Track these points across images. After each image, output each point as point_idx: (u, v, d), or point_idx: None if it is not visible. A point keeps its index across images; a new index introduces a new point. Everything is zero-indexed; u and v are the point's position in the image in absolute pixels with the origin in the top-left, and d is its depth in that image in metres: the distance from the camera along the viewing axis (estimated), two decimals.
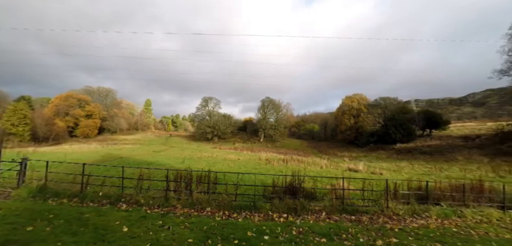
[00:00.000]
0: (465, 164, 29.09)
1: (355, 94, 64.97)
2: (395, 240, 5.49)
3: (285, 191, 8.09)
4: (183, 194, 8.02)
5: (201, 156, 29.63)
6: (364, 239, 5.53)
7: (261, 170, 18.92)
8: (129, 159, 23.42)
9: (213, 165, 21.24)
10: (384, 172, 20.69)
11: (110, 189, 8.63)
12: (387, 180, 8.20)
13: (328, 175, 16.10)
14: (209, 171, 8.69)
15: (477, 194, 8.64)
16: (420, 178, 13.89)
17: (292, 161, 25.49)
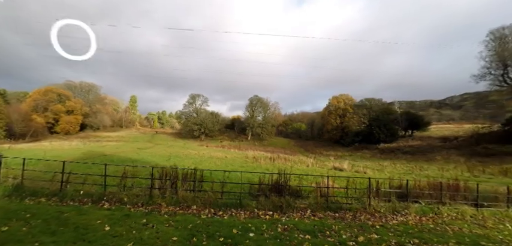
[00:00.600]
0: (443, 164, 30.45)
1: (341, 95, 66.31)
2: (376, 236, 5.69)
3: (271, 189, 8.16)
4: (168, 192, 7.92)
5: (187, 154, 29.28)
6: (347, 235, 5.68)
7: (247, 168, 18.96)
8: (112, 156, 22.78)
9: (199, 163, 21.05)
10: (367, 171, 21.27)
11: (92, 188, 8.37)
12: (370, 179, 8.47)
13: (314, 173, 16.37)
14: (195, 169, 8.63)
15: (453, 192, 9.09)
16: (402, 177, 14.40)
17: (279, 159, 25.71)
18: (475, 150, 36.48)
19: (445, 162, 31.55)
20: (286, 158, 27.04)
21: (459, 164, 29.39)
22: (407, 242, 5.50)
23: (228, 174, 12.59)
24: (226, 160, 24.42)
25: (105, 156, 22.45)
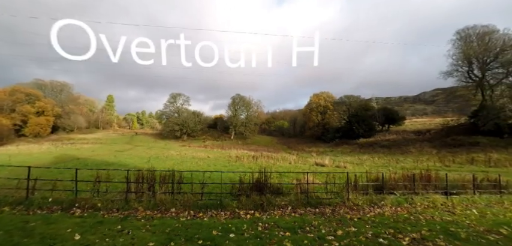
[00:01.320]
0: (418, 156, 32.08)
1: (322, 92, 67.73)
2: (354, 229, 5.83)
3: (252, 188, 8.13)
4: (145, 195, 7.64)
5: (168, 155, 28.56)
6: (326, 229, 5.78)
7: (230, 167, 18.83)
8: (87, 160, 21.68)
9: (180, 164, 20.60)
10: (347, 165, 21.92)
11: (62, 194, 7.88)
12: (348, 173, 8.69)
13: (296, 170, 16.59)
14: (173, 171, 8.38)
15: (425, 182, 9.57)
16: (379, 170, 14.98)
17: (262, 157, 25.80)
18: (446, 141, 38.81)
19: (419, 154, 33.26)
20: (269, 156, 27.21)
21: (431, 156, 31.12)
22: (383, 232, 5.69)
23: (210, 175, 12.45)
24: (208, 160, 24.10)
25: (78, 160, 21.31)
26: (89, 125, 74.18)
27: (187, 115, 66.49)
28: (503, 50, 42.55)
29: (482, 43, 44.89)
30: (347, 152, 41.01)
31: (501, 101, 43.79)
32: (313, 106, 65.64)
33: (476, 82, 46.50)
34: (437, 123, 52.55)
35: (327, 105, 64.25)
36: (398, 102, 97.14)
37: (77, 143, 45.57)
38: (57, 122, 62.78)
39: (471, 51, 45.35)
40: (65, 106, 68.27)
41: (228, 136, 66.90)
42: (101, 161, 20.73)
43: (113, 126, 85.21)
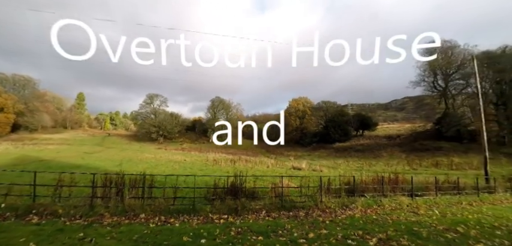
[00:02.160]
0: (388, 160, 33.81)
1: (300, 97, 69.20)
2: (325, 232, 5.95)
3: (226, 192, 8.03)
4: (113, 200, 7.24)
5: (142, 158, 27.45)
6: (298, 233, 5.84)
7: (207, 171, 18.52)
8: (50, 162, 20.17)
9: (155, 167, 19.89)
10: (323, 169, 22.51)
11: (18, 200, 7.21)
12: (321, 177, 8.91)
13: (273, 174, 16.70)
14: (144, 174, 8.04)
15: (393, 185, 10.07)
16: (353, 173, 15.52)
17: (240, 161, 25.69)
18: (414, 146, 41.33)
19: (390, 158, 35.09)
20: (247, 160, 27.16)
21: (401, 160, 32.97)
22: (352, 234, 5.86)
23: (185, 179, 12.11)
24: (185, 163, 23.52)
25: (41, 162, 19.77)
26: (55, 125, 69.14)
27: (164, 116, 64.49)
28: (463, 63, 46.51)
29: (446, 57, 48.79)
30: (324, 156, 42.17)
31: (461, 109, 47.72)
32: (292, 111, 66.79)
33: (440, 92, 50.36)
34: (406, 129, 55.86)
35: (305, 110, 65.71)
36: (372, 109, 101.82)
37: (41, 143, 42.32)
38: (18, 120, 57.76)
39: (436, 63, 49.06)
40: (29, 103, 62.91)
41: (207, 139, 65.84)
42: (67, 164, 19.39)
43: (83, 127, 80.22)
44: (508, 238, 6.02)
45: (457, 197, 10.82)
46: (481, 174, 16.86)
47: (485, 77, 42.95)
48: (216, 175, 10.67)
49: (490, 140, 30.90)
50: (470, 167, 26.14)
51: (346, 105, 70.21)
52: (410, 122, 65.52)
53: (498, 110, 43.15)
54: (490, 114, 41.19)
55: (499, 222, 7.31)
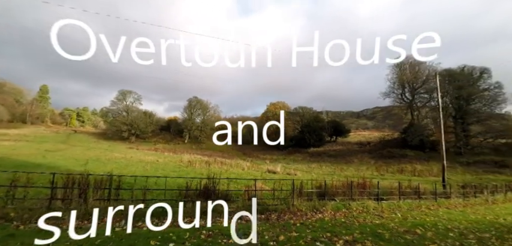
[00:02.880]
0: (359, 165, 35.45)
1: (278, 101, 70.33)
2: (296, 234, 6.08)
3: (199, 195, 7.89)
4: (74, 202, 6.78)
5: (111, 157, 26.01)
6: (269, 235, 5.90)
7: (180, 172, 18.04)
8: (4, 160, 18.38)
9: (124, 167, 18.96)
10: (297, 173, 23.00)
11: None
12: (293, 181, 9.11)
13: (248, 177, 16.72)
14: (111, 175, 7.64)
15: (361, 189, 10.57)
16: (326, 178, 16.03)
17: (215, 163, 25.38)
18: (382, 153, 43.77)
19: (360, 164, 36.81)
20: (223, 162, 26.92)
21: (370, 165, 34.73)
22: (321, 236, 6.05)
23: (156, 180, 11.69)
24: (157, 164, 22.69)
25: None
26: (13, 119, 63.20)
27: (137, 115, 61.79)
28: (427, 79, 50.50)
29: (413, 71, 52.71)
30: (299, 160, 43.09)
31: (425, 121, 51.61)
32: (269, 114, 67.55)
33: (407, 104, 54.19)
34: (376, 137, 59.04)
35: None
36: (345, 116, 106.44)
37: None
38: None
39: (404, 77, 52.92)
40: None
41: (182, 140, 64.22)
42: (23, 162, 17.78)
43: (46, 122, 74.18)
44: (459, 239, 6.59)
45: (418, 201, 11.63)
46: (439, 180, 18.33)
47: (446, 92, 46.89)
48: (189, 177, 10.46)
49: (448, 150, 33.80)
50: (430, 174, 28.28)
51: (321, 111, 72.55)
52: (379, 131, 69.39)
53: (456, 123, 47.27)
54: (449, 126, 45.03)
55: (452, 225, 7.98)
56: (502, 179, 26.43)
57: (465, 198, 14.40)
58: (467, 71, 48.40)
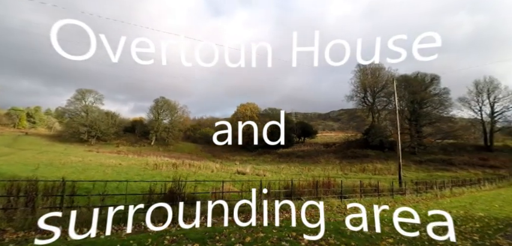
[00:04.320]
0: (325, 165, 37.03)
1: (248, 103, 70.62)
2: (262, 235, 6.13)
3: (163, 198, 7.55)
4: (20, 212, 6.05)
5: (67, 161, 23.81)
6: (236, 237, 5.87)
7: (145, 176, 17.15)
8: None
9: (82, 172, 17.48)
10: (267, 173, 23.27)
11: None
12: (261, 181, 9.18)
13: (217, 179, 16.48)
14: (64, 180, 6.97)
15: (326, 188, 11.02)
16: (294, 177, 16.44)
17: (183, 165, 24.57)
18: (346, 153, 46.25)
19: (326, 164, 38.50)
20: (191, 164, 26.17)
21: (335, 165, 36.48)
22: (286, 236, 6.18)
23: (117, 185, 10.96)
24: (120, 168, 21.30)
25: None
26: None
27: (98, 115, 57.47)
28: (386, 84, 54.60)
29: (374, 76, 56.72)
30: (268, 160, 43.67)
31: (384, 123, 55.73)
32: (240, 116, 67.54)
33: (369, 106, 58.08)
34: (341, 138, 62.27)
35: (252, 115, 67.21)
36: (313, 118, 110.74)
37: None
38: None
39: (366, 81, 56.69)
40: None
41: (148, 142, 61.23)
42: None
43: None
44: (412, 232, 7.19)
45: (377, 198, 12.48)
46: (396, 178, 19.90)
47: (402, 96, 51.17)
48: (156, 180, 10.00)
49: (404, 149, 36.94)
50: (389, 172, 30.60)
51: (290, 113, 74.61)
52: (344, 132, 73.35)
53: (411, 124, 51.81)
54: (405, 128, 49.16)
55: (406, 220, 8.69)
56: (449, 176, 29.62)
57: (418, 193, 15.78)
58: (421, 78, 53.39)
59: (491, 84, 51.97)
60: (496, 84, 51.66)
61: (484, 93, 52.55)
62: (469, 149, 48.01)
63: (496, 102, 51.69)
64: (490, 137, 51.09)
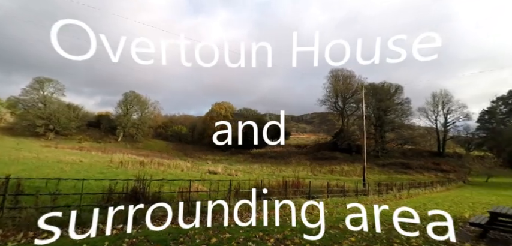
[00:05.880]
0: (296, 166, 37.94)
1: (223, 102, 70.03)
2: (228, 236, 6.04)
3: (125, 198, 7.11)
4: None
5: (18, 157, 21.48)
6: (201, 239, 5.71)
7: (108, 174, 16.10)
8: None
9: (35, 169, 15.89)
10: (238, 173, 23.17)
11: None
12: (231, 181, 9.08)
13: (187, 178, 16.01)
14: (8, 178, 6.23)
15: (295, 188, 11.24)
16: (265, 178, 16.56)
17: (152, 164, 23.50)
18: (316, 155, 47.89)
19: (297, 165, 39.48)
20: (160, 163, 25.11)
21: (306, 166, 37.57)
22: (253, 236, 6.16)
23: (74, 183, 10.11)
24: (80, 165, 19.73)
25: None
26: None
27: (58, 107, 52.82)
28: (356, 91, 57.65)
29: (345, 83, 59.61)
30: (241, 160, 43.62)
31: (352, 128, 58.71)
32: (214, 115, 66.68)
33: (339, 111, 60.87)
34: (312, 140, 64.39)
35: (227, 115, 66.71)
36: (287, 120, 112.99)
37: None
38: None
39: (338, 87, 59.33)
40: None
41: (114, 138, 57.78)
42: None
43: None
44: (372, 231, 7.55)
45: (343, 198, 13.02)
46: (361, 180, 21.02)
47: (369, 103, 54.36)
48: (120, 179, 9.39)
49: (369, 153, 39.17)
50: (354, 174, 32.25)
51: (265, 114, 75.30)
52: (315, 134, 75.90)
53: (376, 130, 55.23)
54: (371, 133, 52.24)
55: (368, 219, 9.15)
56: (407, 178, 32.01)
57: (379, 194, 16.78)
58: (386, 87, 57.28)
59: (445, 97, 57.55)
60: (449, 97, 57.36)
61: (440, 105, 57.96)
62: (425, 154, 52.54)
63: (449, 114, 57.39)
64: (443, 144, 56.46)
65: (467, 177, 36.52)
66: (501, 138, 49.57)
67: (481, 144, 57.33)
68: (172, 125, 79.71)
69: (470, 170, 40.04)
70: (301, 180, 12.16)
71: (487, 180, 34.86)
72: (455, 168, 43.20)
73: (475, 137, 59.48)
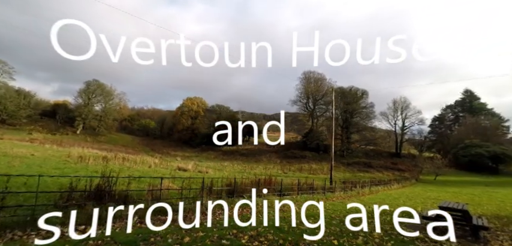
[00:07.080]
0: (267, 164, 38.49)
1: (196, 97, 68.23)
2: (202, 234, 5.93)
3: (88, 197, 6.58)
4: None
5: None
6: (173, 238, 5.52)
7: (66, 170, 14.77)
8: None
9: None
10: (209, 171, 22.79)
11: None
12: (204, 179, 8.91)
13: (155, 175, 15.34)
14: None
15: (267, 186, 11.40)
16: (237, 175, 16.52)
17: (115, 159, 22.00)
18: (287, 154, 49.08)
19: (268, 163, 40.09)
20: (125, 158, 23.61)
21: (276, 164, 38.32)
22: (227, 234, 6.13)
23: (26, 180, 9.10)
24: (32, 159, 17.77)
25: None
26: None
27: (5, 93, 46.94)
28: (326, 93, 60.25)
29: (316, 85, 61.90)
30: (211, 157, 43.05)
31: (321, 128, 61.32)
32: (185, 110, 64.79)
33: (310, 112, 63.13)
34: None
35: (198, 110, 65.25)
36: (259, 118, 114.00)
37: None
38: None
39: (309, 89, 61.47)
40: None
41: (73, 130, 53.12)
42: None
43: None
44: (339, 225, 7.99)
45: (312, 196, 13.53)
46: (328, 178, 22.04)
47: (338, 106, 57.20)
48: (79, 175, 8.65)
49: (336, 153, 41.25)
50: (322, 172, 33.70)
51: (237, 111, 75.08)
52: (286, 134, 77.73)
53: (343, 131, 58.32)
54: (338, 134, 55.03)
55: (335, 214, 9.63)
56: (368, 176, 34.33)
57: (345, 191, 17.76)
58: (354, 91, 60.83)
59: (404, 103, 62.98)
60: (408, 103, 62.95)
61: (399, 110, 63.25)
62: (384, 154, 56.97)
63: (407, 119, 63.00)
64: (400, 146, 61.86)
65: (419, 176, 40.35)
66: (447, 142, 56.42)
67: (431, 147, 64.55)
68: (139, 118, 75.66)
69: (421, 169, 44.28)
70: (272, 178, 12.37)
71: (435, 178, 38.91)
72: (409, 167, 47.44)
73: (426, 140, 66.99)
